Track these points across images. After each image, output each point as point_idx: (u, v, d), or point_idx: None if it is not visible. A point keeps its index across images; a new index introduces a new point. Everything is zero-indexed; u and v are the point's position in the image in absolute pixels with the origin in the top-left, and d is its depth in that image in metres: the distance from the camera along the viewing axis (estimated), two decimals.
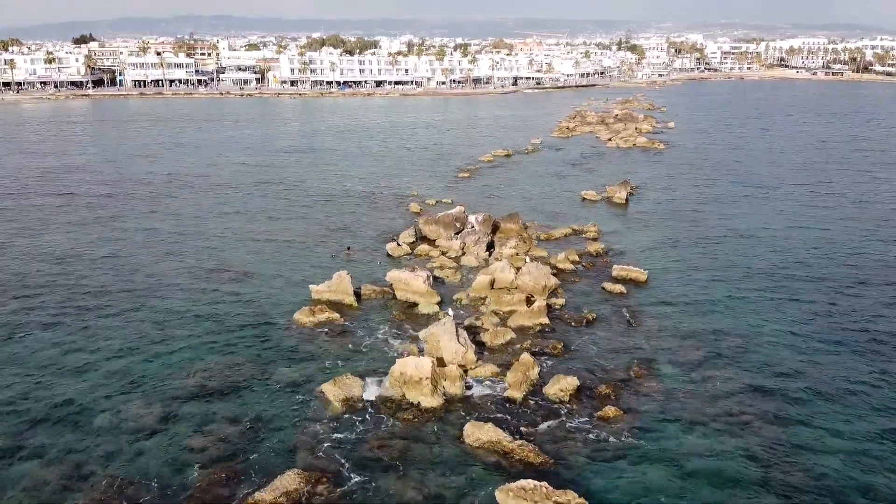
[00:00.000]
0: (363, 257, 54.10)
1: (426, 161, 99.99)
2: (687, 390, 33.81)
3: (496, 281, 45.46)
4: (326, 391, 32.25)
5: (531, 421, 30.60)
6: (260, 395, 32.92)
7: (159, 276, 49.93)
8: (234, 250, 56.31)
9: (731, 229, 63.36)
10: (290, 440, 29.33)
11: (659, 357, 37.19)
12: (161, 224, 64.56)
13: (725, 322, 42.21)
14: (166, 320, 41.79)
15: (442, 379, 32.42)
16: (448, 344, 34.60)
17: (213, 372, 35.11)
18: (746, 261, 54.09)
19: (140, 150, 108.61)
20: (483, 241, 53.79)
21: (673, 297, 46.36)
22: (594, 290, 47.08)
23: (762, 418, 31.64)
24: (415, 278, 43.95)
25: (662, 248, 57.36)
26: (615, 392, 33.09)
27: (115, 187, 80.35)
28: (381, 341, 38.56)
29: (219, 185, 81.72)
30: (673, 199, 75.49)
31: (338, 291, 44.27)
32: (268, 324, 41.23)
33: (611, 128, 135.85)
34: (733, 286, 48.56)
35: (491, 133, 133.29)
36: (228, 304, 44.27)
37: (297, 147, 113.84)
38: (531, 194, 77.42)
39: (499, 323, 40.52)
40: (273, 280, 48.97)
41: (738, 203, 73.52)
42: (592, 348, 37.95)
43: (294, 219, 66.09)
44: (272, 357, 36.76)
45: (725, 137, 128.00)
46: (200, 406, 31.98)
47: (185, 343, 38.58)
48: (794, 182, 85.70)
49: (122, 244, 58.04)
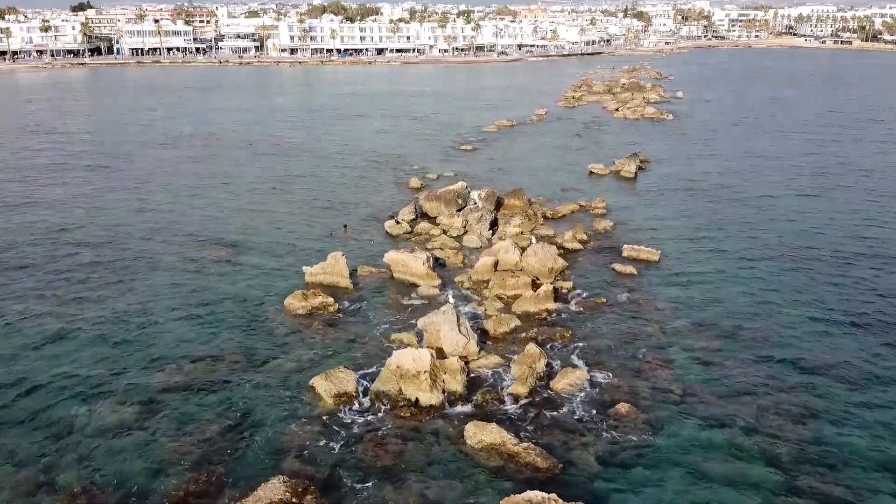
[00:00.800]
0: (361, 236, 51.63)
1: (427, 132, 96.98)
2: (704, 383, 31.51)
3: (500, 263, 43.00)
4: (318, 386, 30.00)
5: (538, 420, 28.34)
6: (246, 389, 30.69)
7: (147, 255, 47.57)
8: (226, 226, 53.89)
9: (744, 204, 60.67)
10: (278, 441, 27.15)
11: (673, 345, 34.85)
12: (153, 196, 62.11)
13: (742, 306, 39.79)
14: (151, 305, 39.49)
15: (442, 372, 30.13)
16: (449, 334, 32.26)
17: (197, 363, 32.85)
18: (762, 238, 51.51)
19: (135, 120, 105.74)
20: (486, 219, 51.24)
21: (686, 278, 43.90)
22: (603, 271, 44.61)
23: (785, 414, 29.36)
24: (414, 260, 41.52)
25: (674, 225, 54.76)
26: (628, 386, 30.78)
27: (108, 158, 77.74)
28: (378, 329, 36.22)
29: (213, 157, 79.06)
30: (683, 172, 72.65)
31: (332, 273, 41.89)
32: (258, 309, 38.91)
33: (618, 97, 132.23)
34: (749, 266, 46.06)
35: (494, 102, 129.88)
36: (218, 287, 41.95)
37: (294, 117, 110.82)
38: (536, 168, 74.64)
39: (502, 309, 38.14)
40: (265, 259, 46.59)
41: (750, 176, 70.67)
42: (602, 336, 35.59)
43: (290, 193, 63.53)
44: (261, 347, 34.49)
45: (735, 107, 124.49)
46: (182, 402, 29.77)
47: (169, 330, 36.31)
48: (807, 152, 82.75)
49: (112, 218, 55.64)
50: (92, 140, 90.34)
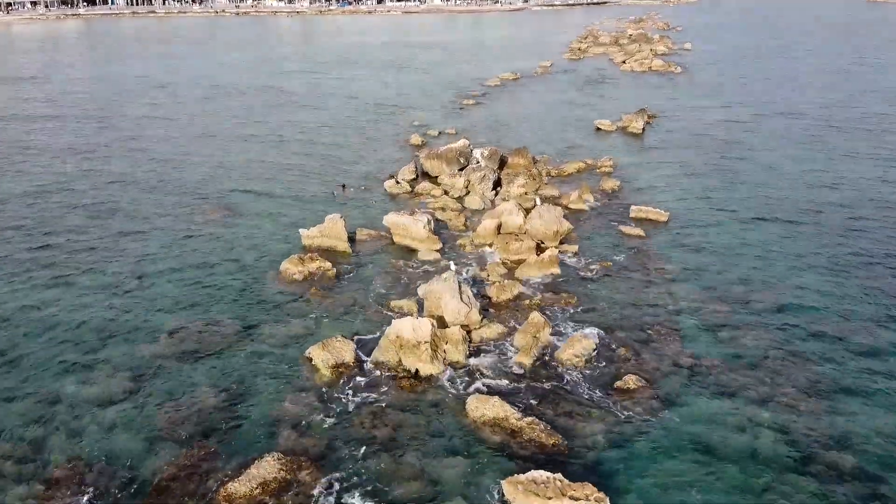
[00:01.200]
0: (359, 196, 50.12)
1: (429, 85, 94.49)
2: (714, 352, 30.38)
3: (503, 225, 41.60)
4: (314, 356, 28.93)
5: (542, 392, 27.30)
6: (241, 359, 29.65)
7: (140, 215, 46.26)
8: (221, 186, 52.43)
9: (755, 161, 58.89)
10: (273, 414, 26.18)
11: (683, 313, 33.64)
12: (146, 154, 60.52)
13: (754, 270, 38.46)
14: (143, 270, 38.30)
15: (443, 342, 29.02)
16: (450, 302, 31.05)
17: (190, 332, 31.78)
18: (773, 196, 49.93)
19: (130, 73, 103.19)
20: (489, 179, 49.63)
21: (696, 240, 42.52)
22: (610, 233, 43.20)
23: (798, 385, 28.27)
24: (414, 223, 40.12)
25: (683, 184, 53.12)
26: (635, 357, 29.67)
27: (101, 112, 75.76)
28: (377, 296, 35.02)
29: (209, 112, 77.03)
30: (692, 127, 70.58)
31: (330, 236, 40.57)
32: (253, 274, 37.72)
33: (625, 49, 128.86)
34: (761, 226, 44.62)
35: (497, 54, 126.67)
36: (212, 251, 40.71)
37: (292, 70, 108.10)
38: (541, 123, 72.58)
39: (506, 274, 36.87)
40: (261, 221, 45.24)
41: (761, 131, 68.61)
42: (609, 303, 34.37)
43: (287, 150, 61.81)
44: (256, 314, 33.36)
45: (745, 60, 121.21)
46: (174, 372, 28.78)
47: (161, 297, 35.17)
48: (821, 105, 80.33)
49: (103, 176, 54.20)
50: (85, 93, 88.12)
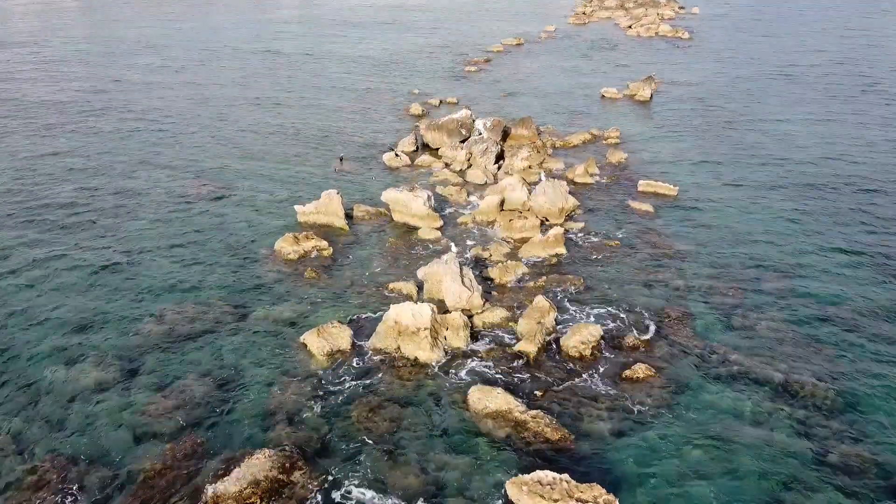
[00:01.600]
0: (357, 169, 48.54)
1: (430, 51, 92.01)
2: (726, 338, 29.15)
3: (506, 201, 40.13)
4: (309, 342, 27.73)
5: (547, 382, 26.13)
6: (233, 345, 28.46)
7: (130, 192, 44.76)
8: (214, 157, 50.87)
9: (765, 131, 57.08)
10: (265, 405, 25.05)
11: (693, 296, 32.34)
12: (139, 123, 58.76)
13: (766, 249, 37.06)
14: (134, 247, 36.96)
15: (443, 328, 27.79)
16: (451, 285, 29.74)
17: (180, 316, 30.55)
18: (784, 168, 48.32)
19: (120, 43, 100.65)
20: (492, 151, 47.96)
21: (706, 216, 41.05)
22: (617, 209, 41.70)
23: (813, 374, 27.08)
24: (414, 199, 38.63)
25: (692, 156, 51.42)
26: (644, 342, 28.45)
27: (89, 85, 73.73)
28: (375, 276, 33.71)
29: (203, 79, 74.96)
30: (702, 96, 68.50)
31: (327, 213, 39.15)
32: (247, 252, 36.38)
33: (631, 13, 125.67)
34: (772, 201, 43.12)
35: (500, 18, 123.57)
36: (204, 228, 39.33)
37: (289, 35, 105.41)
38: (545, 91, 70.49)
39: (509, 254, 35.49)
40: (256, 197, 43.77)
41: (771, 99, 66.56)
42: (617, 284, 33.04)
43: (283, 120, 59.99)
44: (249, 296, 32.09)
45: (755, 24, 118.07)
46: (163, 360, 27.61)
47: (150, 278, 33.87)
48: (832, 71, 77.95)
49: (95, 146, 52.62)
50: (78, 57, 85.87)
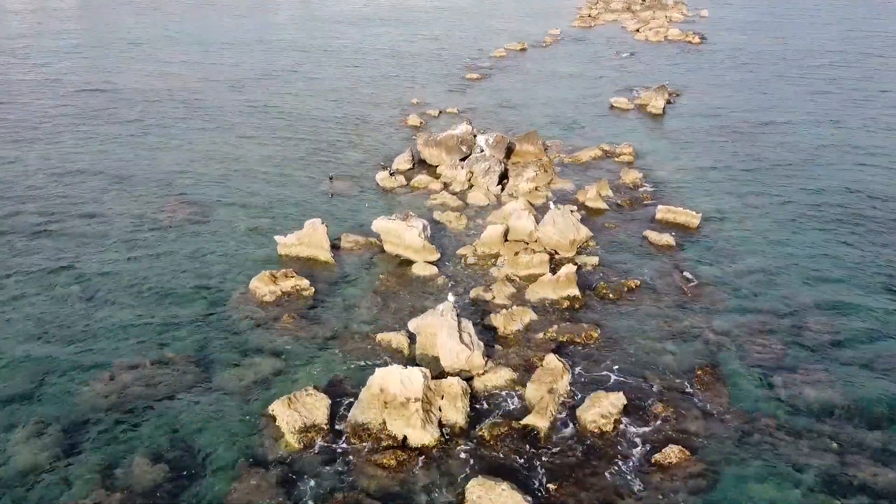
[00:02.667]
0: (348, 190, 44.29)
1: (429, 57, 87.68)
2: (768, 410, 24.91)
3: (511, 231, 35.93)
4: (278, 415, 23.52)
5: (562, 470, 21.88)
6: (191, 416, 24.23)
7: (98, 217, 40.49)
8: (195, 175, 46.62)
9: (792, 146, 52.86)
10: (222, 500, 20.86)
11: (726, 351, 28.12)
12: (114, 135, 54.44)
13: (804, 291, 32.83)
14: (93, 286, 32.70)
15: (438, 398, 23.59)
16: (447, 342, 25.53)
17: (136, 374, 26.31)
18: (821, 193, 44.13)
19: (99, 49, 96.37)
20: (494, 171, 43.74)
21: (732, 249, 36.86)
22: (635, 240, 37.47)
23: (873, 456, 22.88)
24: (408, 229, 34.42)
25: (713, 177, 47.18)
26: (676, 415, 24.21)
27: (64, 94, 69.46)
28: (361, 324, 29.46)
29: (189, 87, 70.62)
30: (718, 106, 64.20)
31: (310, 245, 34.96)
32: (218, 294, 32.12)
33: (638, 16, 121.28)
34: (808, 231, 38.94)
35: (503, 21, 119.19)
36: (175, 261, 35.09)
37: (282, 39, 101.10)
38: (550, 101, 66.21)
39: (514, 295, 31.25)
40: (235, 221, 39.55)
41: (797, 112, 62.21)
42: (639, 336, 28.80)
43: (270, 131, 55.66)
44: (215, 350, 27.86)
45: (768, 27, 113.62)
46: (110, 433, 23.40)
47: (107, 325, 29.61)
48: (857, 76, 73.56)
49: (63, 164, 48.24)
50: (65, 58, 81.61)
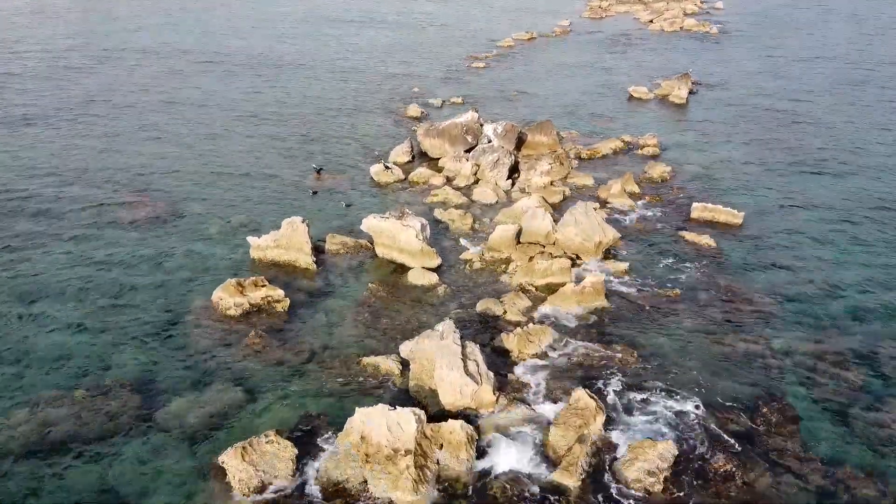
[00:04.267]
0: (339, 184, 39.12)
1: (431, 46, 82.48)
2: (850, 458, 19.72)
3: (524, 232, 30.71)
4: (230, 469, 18.33)
5: None
6: (126, 465, 19.13)
7: (52, 214, 35.42)
8: (169, 168, 41.58)
9: (832, 139, 47.66)
10: None
11: (791, 379, 22.94)
12: (84, 126, 49.33)
13: (869, 301, 27.77)
14: (35, 295, 27.63)
15: (435, 448, 18.39)
16: (448, 375, 20.31)
17: (66, 409, 21.21)
18: (865, 188, 39.21)
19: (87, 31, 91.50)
20: (504, 163, 38.56)
21: (782, 253, 31.65)
22: (669, 242, 32.21)
23: None
24: (403, 230, 29.24)
25: (749, 170, 41.93)
26: (740, 469, 18.96)
27: (42, 80, 64.48)
28: (344, 344, 24.28)
29: (172, 74, 65.55)
30: (746, 97, 58.85)
31: (288, 247, 29.82)
32: (177, 306, 26.97)
33: (651, 7, 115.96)
34: (860, 232, 33.92)
35: (510, 11, 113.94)
36: (129, 268, 29.97)
37: (277, 21, 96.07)
38: (564, 90, 60.95)
39: (530, 309, 26.04)
40: (204, 224, 34.36)
41: (829, 100, 56.88)
42: (684, 359, 23.58)
43: (257, 124, 50.46)
44: (164, 378, 22.72)
45: (789, 18, 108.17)
46: (26, 482, 18.43)
47: (42, 343, 24.54)
48: (885, 63, 68.22)
49: (24, 157, 43.24)
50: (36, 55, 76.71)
